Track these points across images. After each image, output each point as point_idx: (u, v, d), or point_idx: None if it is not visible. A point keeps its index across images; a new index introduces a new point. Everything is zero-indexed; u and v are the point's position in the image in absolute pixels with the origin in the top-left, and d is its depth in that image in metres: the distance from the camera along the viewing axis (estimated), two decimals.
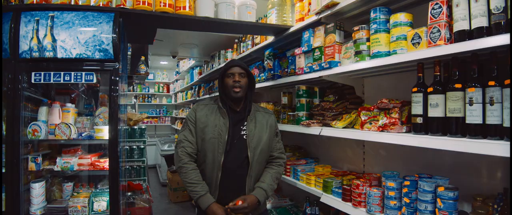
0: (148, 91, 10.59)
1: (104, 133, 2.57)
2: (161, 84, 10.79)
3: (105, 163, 2.59)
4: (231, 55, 4.72)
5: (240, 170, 2.18)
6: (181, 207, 6.02)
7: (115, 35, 2.37)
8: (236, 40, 4.55)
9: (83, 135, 2.61)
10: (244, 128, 2.23)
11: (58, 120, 2.70)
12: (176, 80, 9.84)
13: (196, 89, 6.91)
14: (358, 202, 2.10)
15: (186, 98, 8.17)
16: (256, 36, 3.77)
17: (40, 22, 2.37)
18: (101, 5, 2.45)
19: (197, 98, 6.72)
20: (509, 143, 1.26)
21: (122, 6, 2.43)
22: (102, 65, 2.43)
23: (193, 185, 2.12)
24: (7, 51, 2.36)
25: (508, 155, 1.24)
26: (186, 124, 2.28)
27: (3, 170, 2.50)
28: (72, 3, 2.46)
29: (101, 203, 2.57)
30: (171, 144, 7.84)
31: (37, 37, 2.37)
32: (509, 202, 1.41)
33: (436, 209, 1.59)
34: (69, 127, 2.57)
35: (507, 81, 1.32)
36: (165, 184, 7.19)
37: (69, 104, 2.80)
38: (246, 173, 2.18)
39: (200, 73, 6.49)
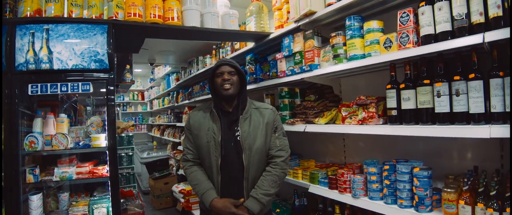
0: (123, 99, 10.49)
1: (101, 141, 2.67)
2: (136, 92, 10.72)
3: (103, 170, 2.69)
4: (210, 61, 4.88)
5: (238, 173, 2.12)
6: (165, 213, 6.09)
7: (110, 46, 2.49)
8: (214, 46, 4.72)
9: (80, 144, 2.70)
10: (238, 128, 2.15)
11: (53, 130, 2.76)
12: (151, 87, 9.83)
13: (174, 95, 6.99)
14: (343, 189, 2.35)
15: (163, 105, 8.20)
16: (236, 42, 3.97)
17: (35, 35, 2.44)
18: (94, 17, 2.56)
19: (176, 104, 6.80)
20: (475, 126, 1.56)
21: (114, 18, 2.56)
22: (99, 75, 2.54)
23: (196, 186, 2.14)
24: (3, 65, 2.40)
25: (471, 136, 1.54)
26: (185, 132, 2.33)
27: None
28: (66, 16, 2.55)
29: (101, 210, 2.66)
30: (150, 152, 7.86)
31: (33, 49, 2.44)
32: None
33: (413, 187, 1.87)
34: (66, 137, 2.64)
35: (472, 76, 1.59)
36: (147, 191, 7.21)
37: (62, 115, 2.86)
38: (243, 176, 2.11)
39: (177, 80, 6.58)
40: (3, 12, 2.52)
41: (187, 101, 5.92)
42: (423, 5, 1.76)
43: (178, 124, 6.73)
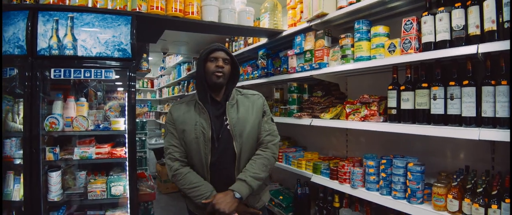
0: None
1: (120, 124, 2.87)
2: (145, 80, 10.93)
3: (121, 151, 2.88)
4: None
5: (230, 165, 2.00)
6: (171, 198, 6.33)
7: (133, 37, 2.66)
8: (227, 39, 4.88)
9: (101, 126, 2.90)
10: (226, 117, 2.03)
11: (74, 113, 2.94)
12: (161, 75, 10.04)
13: (185, 84, 7.17)
14: (343, 179, 2.53)
15: (173, 94, 8.41)
16: (249, 37, 4.13)
17: (59, 22, 2.57)
18: (118, 8, 2.72)
19: (186, 93, 6.99)
20: (466, 128, 1.72)
21: (138, 10, 2.72)
22: (122, 63, 2.71)
23: (194, 189, 1.92)
24: (24, 48, 2.51)
25: (461, 137, 1.69)
26: (166, 128, 2.12)
27: (17, 162, 2.68)
28: (90, 5, 2.69)
29: (118, 188, 2.87)
30: (158, 138, 8.09)
31: (57, 36, 2.57)
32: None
33: (407, 180, 2.04)
34: (87, 119, 2.84)
35: (465, 82, 1.75)
36: (154, 176, 7.43)
37: (82, 99, 3.06)
38: (234, 166, 2.00)
39: (189, 69, 6.76)
40: None
41: None
42: (425, 15, 1.92)
43: None
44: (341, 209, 2.68)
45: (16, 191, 2.70)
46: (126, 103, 2.76)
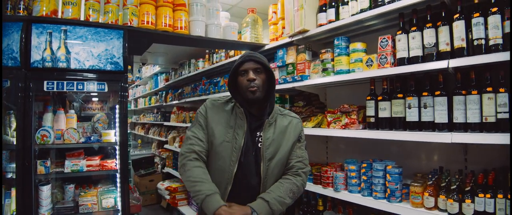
0: None
1: (110, 136, 2.93)
2: None
3: (112, 163, 2.94)
4: (202, 64, 5.17)
5: (254, 185, 1.81)
6: (150, 210, 6.29)
7: (125, 50, 2.76)
8: (208, 51, 5.02)
9: (91, 138, 2.94)
10: (261, 134, 1.84)
11: (64, 125, 2.97)
12: (136, 85, 9.97)
13: (163, 95, 7.19)
14: (326, 184, 2.72)
15: (150, 104, 8.40)
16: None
17: (53, 34, 2.61)
18: (110, 22, 2.80)
19: (164, 103, 7.02)
20: (439, 133, 1.94)
21: (129, 24, 2.83)
22: (114, 76, 2.79)
23: (197, 184, 1.70)
24: (17, 60, 2.52)
25: (435, 141, 1.92)
26: (196, 119, 1.93)
27: (10, 175, 2.65)
28: (83, 19, 2.76)
29: (109, 200, 2.91)
30: (134, 149, 8.02)
31: (51, 48, 2.61)
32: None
33: (386, 182, 2.26)
34: (77, 131, 2.88)
35: (437, 92, 1.99)
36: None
37: (71, 111, 3.09)
38: (260, 189, 1.81)
39: (167, 80, 6.81)
40: (3, 10, 2.60)
41: (176, 101, 6.16)
42: (399, 33, 2.17)
43: (165, 123, 6.92)
44: (325, 212, 2.87)
45: (7, 206, 2.68)
46: (117, 115, 2.83)
